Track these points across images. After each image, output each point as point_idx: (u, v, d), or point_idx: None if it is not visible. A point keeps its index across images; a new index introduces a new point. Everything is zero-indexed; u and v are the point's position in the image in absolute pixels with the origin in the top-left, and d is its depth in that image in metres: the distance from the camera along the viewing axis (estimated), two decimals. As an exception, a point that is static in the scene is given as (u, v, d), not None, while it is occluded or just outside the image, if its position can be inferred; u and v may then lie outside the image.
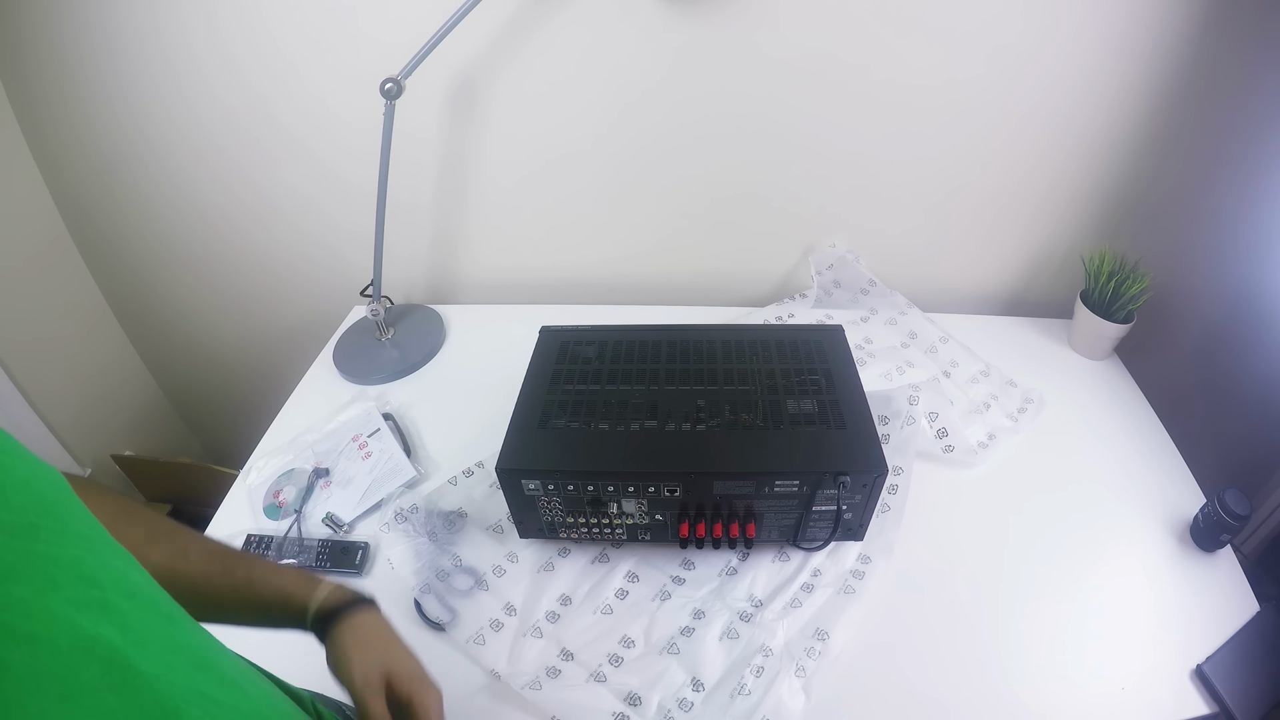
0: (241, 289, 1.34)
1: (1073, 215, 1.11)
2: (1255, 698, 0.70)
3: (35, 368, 1.24)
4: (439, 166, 1.14)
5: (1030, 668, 0.73)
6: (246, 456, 1.00)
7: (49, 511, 0.29)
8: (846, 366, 0.85)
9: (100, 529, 0.32)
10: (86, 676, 0.26)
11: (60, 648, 0.26)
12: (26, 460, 0.29)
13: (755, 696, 0.70)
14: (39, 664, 0.25)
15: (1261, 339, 1.06)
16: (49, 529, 0.28)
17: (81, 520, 0.31)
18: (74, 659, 0.26)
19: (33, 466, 0.30)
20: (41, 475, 0.30)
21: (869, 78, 0.99)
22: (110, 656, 0.27)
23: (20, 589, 0.25)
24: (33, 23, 1.02)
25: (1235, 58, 0.91)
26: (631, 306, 1.24)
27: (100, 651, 0.27)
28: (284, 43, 1.01)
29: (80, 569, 0.29)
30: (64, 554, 0.28)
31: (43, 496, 0.29)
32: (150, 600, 0.33)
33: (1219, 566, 0.82)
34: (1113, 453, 0.96)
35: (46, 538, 0.28)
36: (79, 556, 0.29)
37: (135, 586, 0.32)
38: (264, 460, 0.98)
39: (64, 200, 1.25)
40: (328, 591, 0.53)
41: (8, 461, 0.28)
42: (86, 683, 0.26)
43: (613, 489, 0.75)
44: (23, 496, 0.28)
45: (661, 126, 1.06)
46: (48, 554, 0.27)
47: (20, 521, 0.27)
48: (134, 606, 0.30)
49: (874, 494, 0.75)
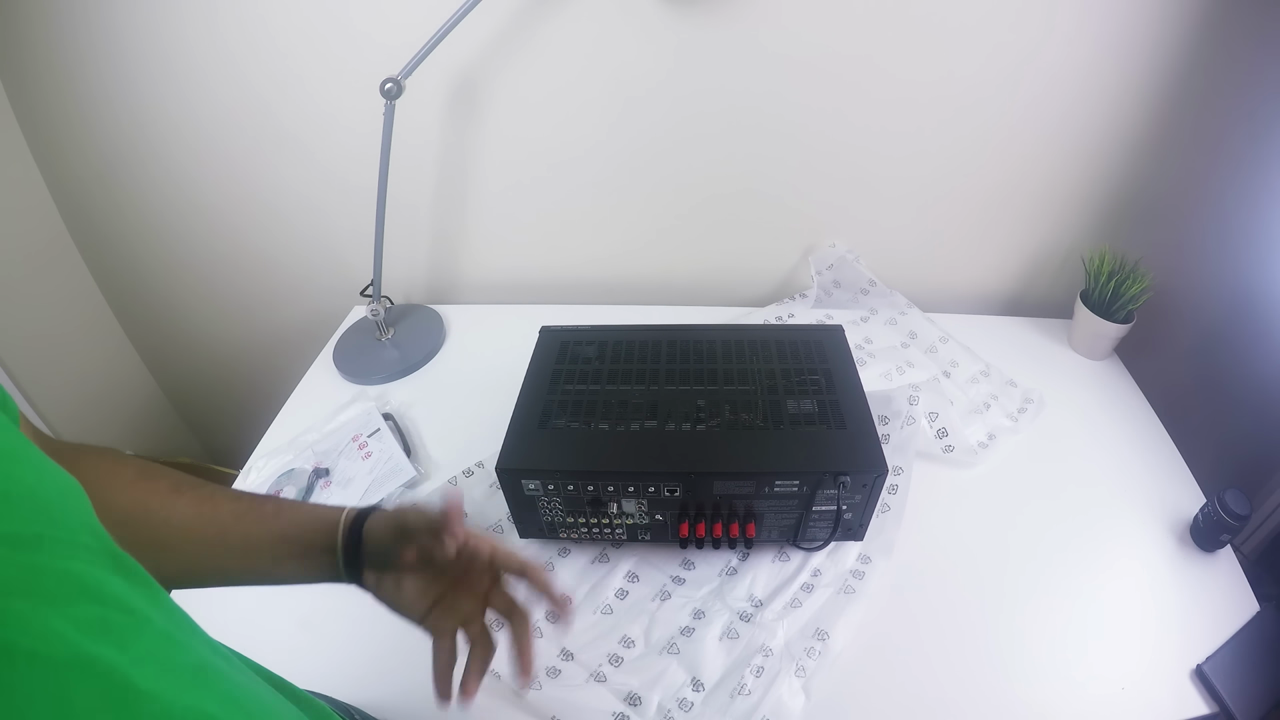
0: (241, 289, 1.34)
1: (1073, 215, 1.11)
2: (1255, 698, 0.70)
3: (35, 368, 1.23)
4: (439, 166, 1.14)
5: (1030, 668, 0.73)
6: (246, 456, 1.00)
7: (55, 522, 0.28)
8: (846, 366, 0.85)
9: (108, 540, 0.31)
10: (84, 696, 0.26)
11: (58, 665, 0.25)
12: (38, 466, 0.29)
13: (755, 696, 0.70)
14: (35, 682, 0.24)
15: (1261, 339, 1.06)
16: (53, 540, 0.27)
17: (90, 531, 0.30)
18: (71, 677, 0.25)
19: (43, 473, 0.29)
20: (50, 482, 0.29)
21: (869, 73, 0.98)
22: (109, 675, 0.27)
23: (19, 603, 0.25)
24: (33, 23, 1.02)
25: (1235, 57, 0.91)
26: (631, 306, 1.24)
27: (99, 670, 0.26)
28: (284, 43, 1.01)
29: (83, 584, 0.28)
30: (67, 568, 0.27)
31: (50, 505, 0.28)
32: (152, 619, 0.32)
33: (1219, 566, 0.82)
34: (1113, 453, 0.96)
35: (50, 549, 0.27)
36: (82, 571, 0.28)
37: (139, 601, 0.31)
38: (264, 460, 0.98)
39: (64, 200, 1.25)
40: (354, 511, 0.54)
41: (16, 470, 0.27)
42: (83, 702, 0.25)
43: (613, 489, 0.75)
44: (29, 506, 0.27)
45: (661, 124, 1.06)
46: (50, 567, 0.27)
47: (24, 533, 0.26)
48: (135, 624, 0.30)
49: (874, 494, 0.75)
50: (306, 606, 0.79)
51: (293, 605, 0.79)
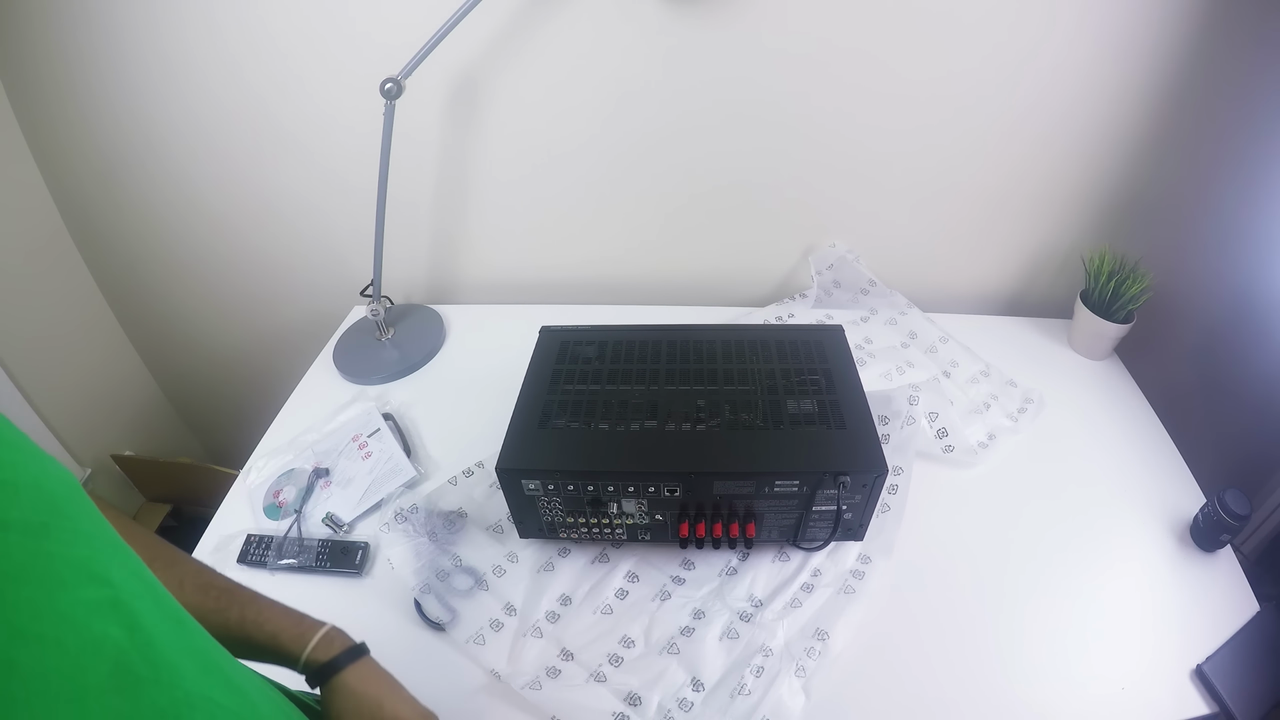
0: (241, 289, 1.34)
1: (1072, 214, 1.11)
2: (1255, 698, 0.70)
3: (35, 368, 1.24)
4: (439, 166, 1.14)
5: (1030, 668, 0.73)
6: (246, 456, 1.00)
7: (60, 511, 0.28)
8: (846, 366, 0.85)
9: (109, 529, 0.32)
10: (94, 678, 0.26)
11: (68, 649, 0.26)
12: (39, 458, 0.29)
13: (755, 696, 0.70)
14: (47, 665, 0.25)
15: (1261, 339, 1.06)
16: (60, 528, 0.28)
17: (92, 520, 0.30)
18: (82, 660, 0.26)
19: (44, 465, 0.29)
20: (53, 474, 0.30)
21: (870, 71, 0.98)
22: (118, 658, 0.27)
23: (30, 590, 0.25)
24: (33, 23, 1.02)
25: (1236, 57, 0.91)
26: (631, 306, 1.24)
27: (108, 653, 0.27)
28: (284, 43, 1.01)
29: (90, 569, 0.28)
30: (74, 554, 0.28)
31: (54, 495, 0.29)
32: (158, 603, 0.32)
33: (1219, 566, 0.82)
34: (1113, 453, 0.96)
35: (57, 536, 0.28)
36: (89, 556, 0.29)
37: (144, 589, 0.32)
38: (264, 460, 0.98)
39: (64, 200, 1.25)
40: (315, 643, 0.52)
41: (20, 459, 0.28)
42: (94, 684, 0.26)
43: (613, 489, 0.75)
44: (34, 496, 0.28)
45: (659, 121, 1.06)
46: (58, 553, 0.27)
47: (32, 520, 0.27)
48: (142, 609, 0.30)
49: (874, 494, 0.75)
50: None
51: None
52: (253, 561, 0.85)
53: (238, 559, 0.85)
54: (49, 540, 0.27)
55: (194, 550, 0.88)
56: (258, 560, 0.85)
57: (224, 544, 0.87)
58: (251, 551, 0.86)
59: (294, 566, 0.84)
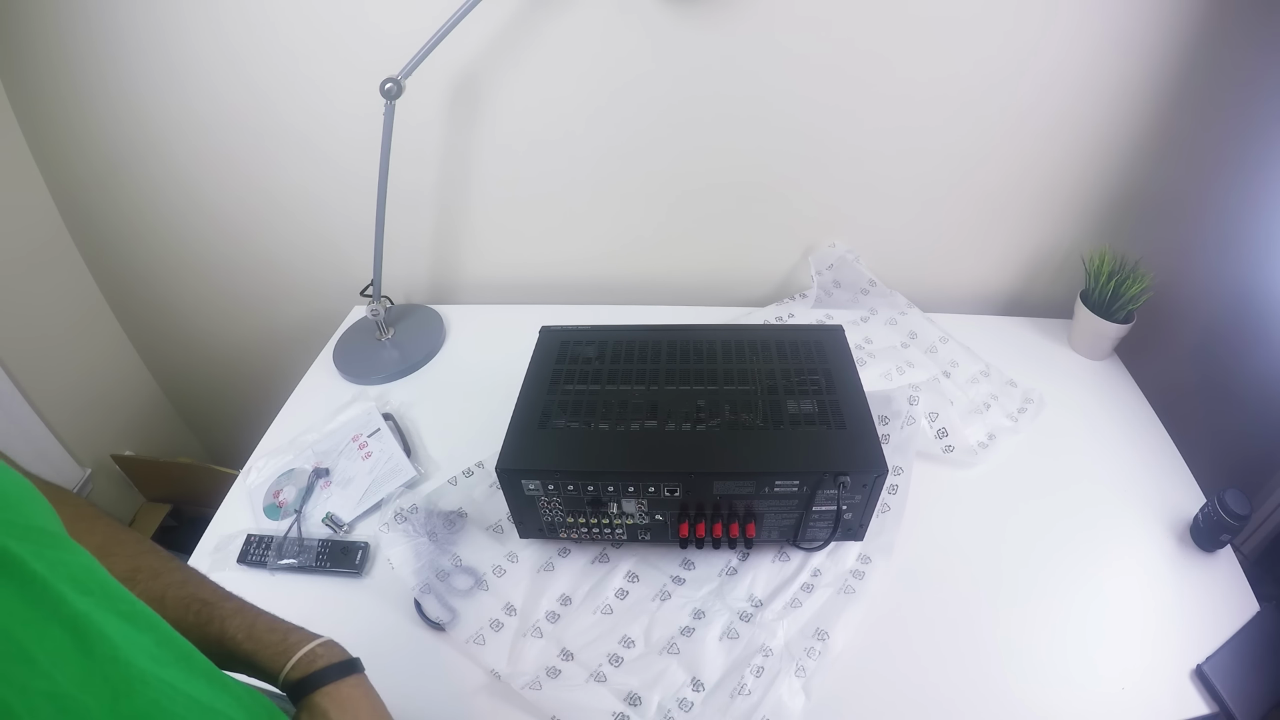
0: (242, 288, 1.34)
1: (1073, 214, 1.11)
2: (1255, 698, 0.70)
3: (35, 367, 1.24)
4: (439, 166, 1.14)
5: (1030, 668, 0.73)
6: (246, 456, 1.00)
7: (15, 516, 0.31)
8: (846, 366, 0.85)
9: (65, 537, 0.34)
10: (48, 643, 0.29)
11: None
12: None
13: (755, 696, 0.70)
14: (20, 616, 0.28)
15: (1261, 339, 1.06)
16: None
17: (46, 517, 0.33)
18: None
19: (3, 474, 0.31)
20: (8, 480, 0.32)
21: (870, 70, 0.98)
22: (74, 621, 0.31)
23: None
24: (33, 21, 1.02)
25: (1236, 57, 0.91)
26: (631, 306, 1.24)
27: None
28: (286, 42, 1.01)
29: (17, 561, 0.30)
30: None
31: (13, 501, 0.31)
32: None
33: (1219, 566, 0.82)
34: (1113, 453, 0.96)
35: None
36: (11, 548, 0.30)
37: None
38: (264, 460, 0.98)
39: (63, 199, 1.25)
40: (295, 661, 0.49)
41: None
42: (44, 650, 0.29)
43: (613, 489, 0.75)
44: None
45: (660, 122, 1.05)
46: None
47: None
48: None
49: (874, 494, 0.75)
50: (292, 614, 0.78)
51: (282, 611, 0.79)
52: (253, 562, 0.85)
53: (238, 559, 0.85)
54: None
55: (194, 550, 0.88)
56: (258, 560, 0.85)
57: (224, 544, 0.87)
58: (251, 551, 0.86)
59: (294, 566, 0.84)
